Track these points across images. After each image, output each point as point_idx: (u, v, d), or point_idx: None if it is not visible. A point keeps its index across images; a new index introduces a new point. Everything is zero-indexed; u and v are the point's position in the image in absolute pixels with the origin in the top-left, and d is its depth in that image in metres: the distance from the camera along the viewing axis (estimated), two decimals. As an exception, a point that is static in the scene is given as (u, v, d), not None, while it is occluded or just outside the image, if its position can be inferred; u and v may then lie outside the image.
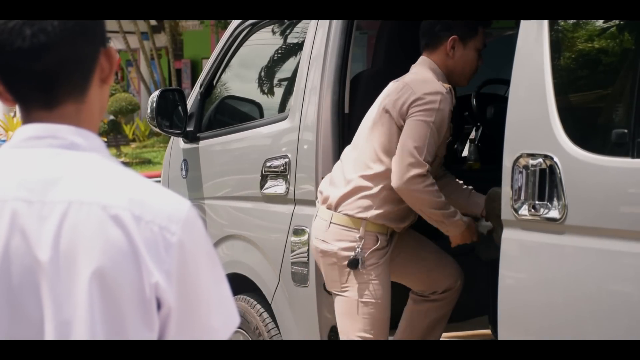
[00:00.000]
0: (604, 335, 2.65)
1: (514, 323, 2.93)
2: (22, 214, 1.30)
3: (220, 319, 1.37)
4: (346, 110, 3.84)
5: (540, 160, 2.78)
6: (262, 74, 4.77)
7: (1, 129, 17.65)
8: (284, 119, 4.07)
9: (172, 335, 1.32)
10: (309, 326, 3.84)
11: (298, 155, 3.90)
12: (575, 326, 2.75)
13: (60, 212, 1.29)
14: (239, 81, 4.92)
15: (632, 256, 2.61)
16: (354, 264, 3.42)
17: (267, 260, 4.10)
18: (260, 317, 4.14)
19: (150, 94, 5.44)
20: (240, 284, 4.07)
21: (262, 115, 4.54)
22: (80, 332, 1.27)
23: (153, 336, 1.30)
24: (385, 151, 3.42)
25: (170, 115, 4.58)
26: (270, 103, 4.61)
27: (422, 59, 3.57)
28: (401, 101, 3.39)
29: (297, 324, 3.94)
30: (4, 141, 16.07)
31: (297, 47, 4.19)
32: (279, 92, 4.66)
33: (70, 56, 1.35)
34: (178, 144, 4.78)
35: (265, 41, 4.58)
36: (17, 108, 1.41)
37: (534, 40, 2.85)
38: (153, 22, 21.44)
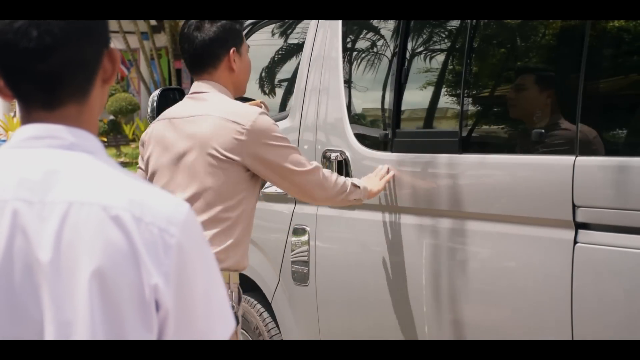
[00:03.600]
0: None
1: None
2: (23, 214, 1.30)
3: (216, 322, 1.37)
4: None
5: (337, 154, 3.75)
6: (262, 73, 4.77)
7: (1, 129, 17.64)
8: (284, 118, 4.08)
9: (170, 337, 1.32)
10: (309, 326, 3.84)
11: (298, 154, 3.91)
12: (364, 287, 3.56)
13: (60, 213, 1.29)
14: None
15: (389, 224, 3.47)
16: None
17: (267, 260, 4.09)
18: (261, 316, 4.14)
19: (150, 94, 5.44)
20: (240, 284, 4.06)
21: (262, 115, 4.54)
22: (81, 332, 1.27)
23: (152, 337, 1.30)
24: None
25: (171, 115, 4.56)
26: (270, 103, 4.61)
27: (207, 84, 3.19)
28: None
29: (297, 324, 3.93)
30: (4, 141, 16.07)
31: (297, 48, 4.19)
32: (279, 92, 4.66)
33: (75, 58, 1.35)
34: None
35: (265, 41, 4.58)
36: (17, 108, 1.42)
37: (328, 46, 3.28)
38: (153, 22, 21.43)
